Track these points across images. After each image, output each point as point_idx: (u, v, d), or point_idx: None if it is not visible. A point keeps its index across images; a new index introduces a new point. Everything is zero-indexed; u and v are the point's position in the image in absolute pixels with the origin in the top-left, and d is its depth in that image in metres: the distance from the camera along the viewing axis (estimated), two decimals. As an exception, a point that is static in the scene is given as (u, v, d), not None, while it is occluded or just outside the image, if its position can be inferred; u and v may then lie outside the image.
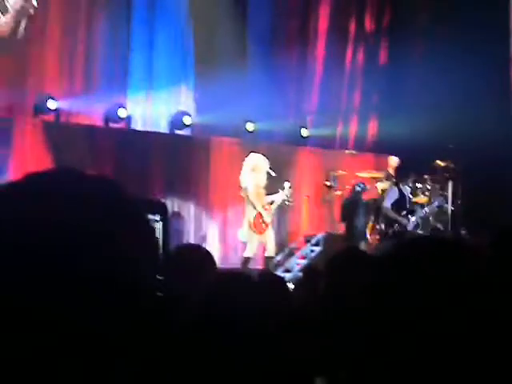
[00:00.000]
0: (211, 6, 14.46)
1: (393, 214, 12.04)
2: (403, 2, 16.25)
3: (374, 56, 16.59)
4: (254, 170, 11.98)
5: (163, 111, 13.94)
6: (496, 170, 14.30)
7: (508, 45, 15.70)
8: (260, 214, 11.98)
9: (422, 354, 1.22)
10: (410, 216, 12.03)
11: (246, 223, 12.08)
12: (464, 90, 14.58)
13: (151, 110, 13.88)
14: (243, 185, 11.99)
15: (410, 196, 12.36)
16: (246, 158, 12.18)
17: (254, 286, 2.12)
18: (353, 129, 16.41)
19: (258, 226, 11.99)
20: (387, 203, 12.14)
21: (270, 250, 12.22)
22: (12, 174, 11.91)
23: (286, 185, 12.57)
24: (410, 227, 11.93)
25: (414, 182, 12.80)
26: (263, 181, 12.05)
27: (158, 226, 5.75)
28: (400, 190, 12.09)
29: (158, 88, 13.81)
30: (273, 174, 12.31)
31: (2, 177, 11.55)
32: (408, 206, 12.21)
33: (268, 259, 12.24)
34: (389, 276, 1.30)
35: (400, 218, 11.99)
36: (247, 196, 11.99)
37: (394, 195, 12.13)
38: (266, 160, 12.16)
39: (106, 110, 13.14)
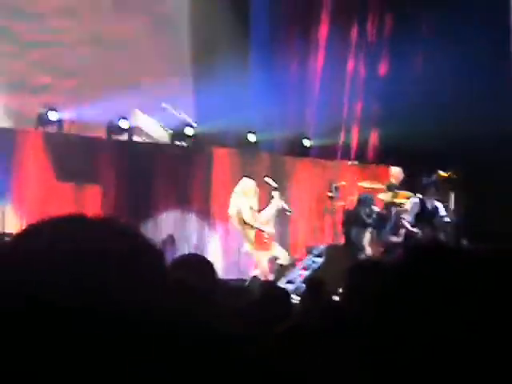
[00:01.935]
0: (212, 16, 14.51)
1: (408, 227, 11.98)
2: (404, 11, 16.26)
3: (375, 65, 16.61)
4: (246, 194, 12.05)
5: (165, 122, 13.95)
6: (499, 179, 14.28)
7: (509, 47, 15.66)
8: (260, 232, 12.02)
9: (426, 362, 1.22)
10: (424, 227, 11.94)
11: (248, 245, 12.12)
12: (466, 98, 14.58)
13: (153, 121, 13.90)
14: (236, 209, 12.04)
15: (439, 209, 12.22)
16: (237, 185, 12.26)
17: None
18: (354, 139, 16.41)
19: (262, 243, 12.03)
20: (408, 215, 12.06)
21: (284, 258, 12.32)
22: (14, 186, 11.94)
23: (275, 194, 12.55)
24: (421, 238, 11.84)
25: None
26: (255, 204, 12.11)
27: None
28: (422, 203, 12.01)
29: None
30: (273, 184, 12.32)
31: (4, 189, 11.59)
32: (432, 219, 12.07)
33: (283, 267, 12.35)
34: (392, 285, 1.30)
35: (413, 229, 11.93)
36: (242, 219, 12.03)
37: (415, 208, 12.04)
38: (255, 185, 12.19)
39: (109, 122, 13.14)
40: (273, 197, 12.52)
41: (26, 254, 1.05)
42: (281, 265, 12.34)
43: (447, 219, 12.38)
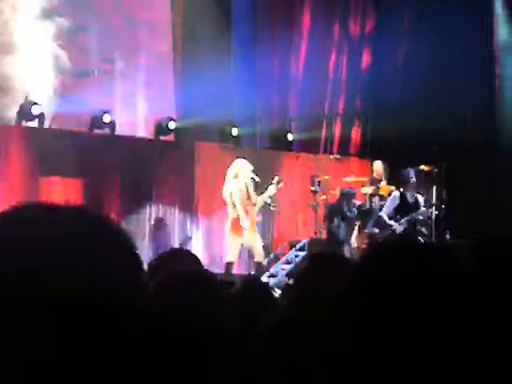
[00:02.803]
0: (195, 11, 14.47)
1: (385, 220, 12.00)
2: (387, 6, 16.27)
3: (357, 60, 16.63)
4: (237, 176, 11.92)
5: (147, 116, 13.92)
6: (481, 172, 14.34)
7: (492, 42, 15.71)
8: (239, 216, 11.88)
9: (390, 356, 1.23)
10: (401, 220, 11.95)
11: (228, 226, 12.05)
12: (447, 92, 14.63)
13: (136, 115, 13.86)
14: (227, 191, 11.90)
15: (420, 202, 12.23)
16: (230, 166, 12.10)
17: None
18: (337, 133, 16.44)
19: (236, 228, 11.89)
20: (385, 209, 12.09)
21: (259, 255, 12.14)
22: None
23: (276, 179, 12.44)
24: (399, 231, 11.87)
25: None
26: (250, 183, 11.95)
27: None
28: (403, 196, 12.02)
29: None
30: (257, 179, 12.28)
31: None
32: (412, 211, 12.08)
33: (258, 264, 12.17)
34: (356, 282, 1.31)
35: (391, 223, 11.95)
36: (232, 201, 11.91)
37: (394, 201, 12.06)
38: (249, 164, 12.06)
39: (92, 116, 13.09)
40: (266, 188, 12.42)
41: None
42: (258, 263, 12.23)
43: (426, 214, 12.41)
